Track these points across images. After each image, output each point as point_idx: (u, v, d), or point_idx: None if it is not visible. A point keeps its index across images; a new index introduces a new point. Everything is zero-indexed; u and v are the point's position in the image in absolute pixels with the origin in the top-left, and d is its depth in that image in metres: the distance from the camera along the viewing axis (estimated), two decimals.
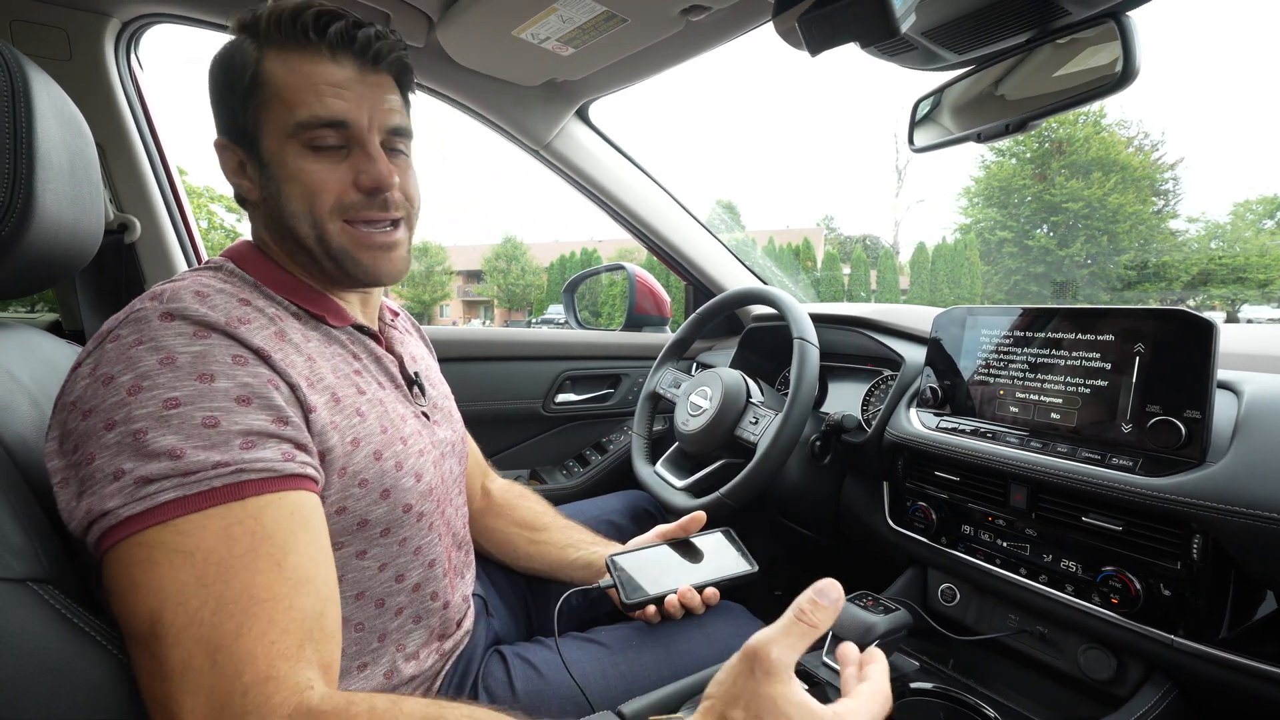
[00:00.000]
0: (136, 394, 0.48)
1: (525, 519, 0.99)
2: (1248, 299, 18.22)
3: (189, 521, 0.46)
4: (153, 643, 0.44)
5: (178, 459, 0.47)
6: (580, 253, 25.28)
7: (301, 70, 0.60)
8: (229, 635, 0.44)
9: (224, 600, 0.45)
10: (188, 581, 0.45)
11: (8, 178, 0.53)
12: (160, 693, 0.44)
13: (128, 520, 0.46)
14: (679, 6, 1.02)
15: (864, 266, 22.91)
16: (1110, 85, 0.77)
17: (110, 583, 0.47)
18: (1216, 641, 0.65)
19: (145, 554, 0.45)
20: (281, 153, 0.61)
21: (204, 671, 0.43)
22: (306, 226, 0.63)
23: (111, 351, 0.51)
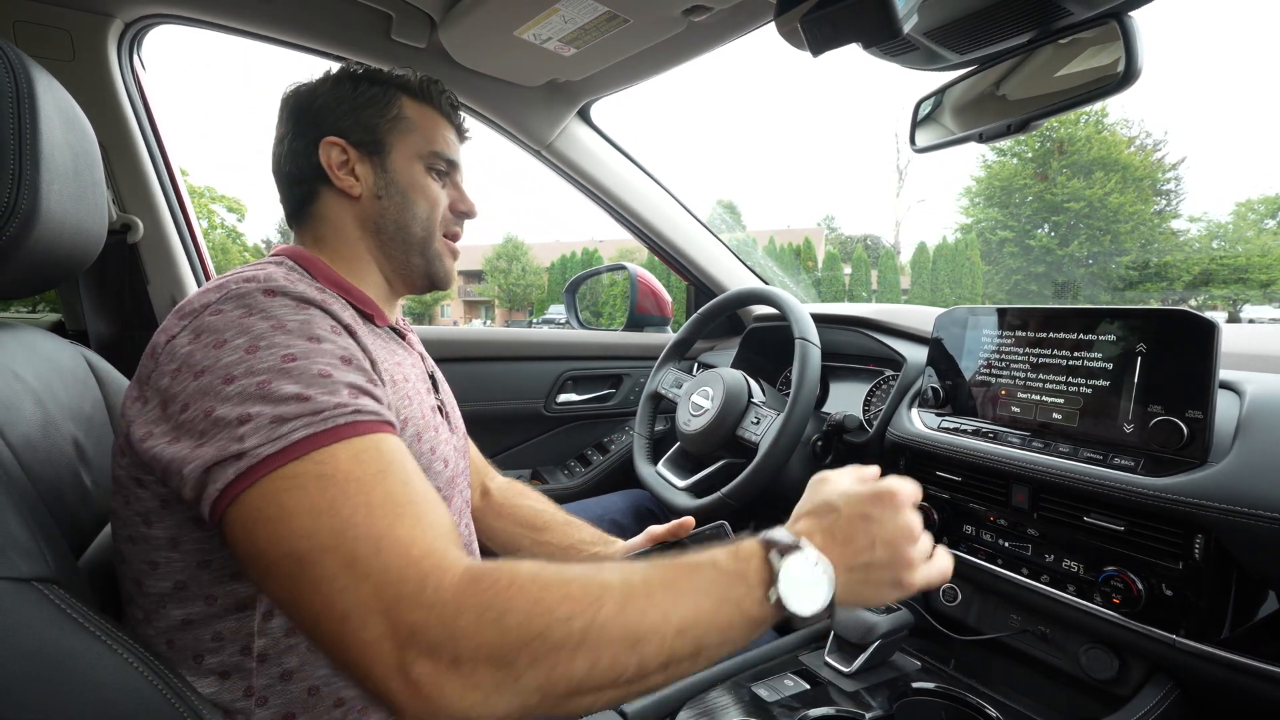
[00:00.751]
0: (255, 352, 0.52)
1: (526, 518, 1.00)
2: (1249, 299, 18.19)
3: (322, 453, 0.49)
4: (313, 557, 0.46)
5: (305, 402, 0.51)
6: (581, 253, 25.27)
7: (435, 121, 0.79)
8: (386, 528, 0.47)
9: (372, 505, 0.48)
10: (336, 496, 0.48)
11: (12, 179, 0.53)
12: (327, 601, 0.45)
13: (267, 459, 0.48)
14: (681, 7, 1.02)
15: (865, 266, 22.89)
16: (1112, 85, 0.77)
17: (251, 523, 0.48)
18: (1218, 641, 0.65)
19: (289, 484, 0.48)
20: (410, 168, 0.76)
21: (371, 558, 0.45)
22: (420, 229, 0.77)
23: (217, 321, 0.54)
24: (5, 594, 0.44)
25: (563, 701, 0.45)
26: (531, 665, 0.43)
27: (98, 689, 0.45)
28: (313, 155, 0.74)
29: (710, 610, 0.49)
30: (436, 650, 0.43)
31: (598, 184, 1.57)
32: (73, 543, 0.60)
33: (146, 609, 0.58)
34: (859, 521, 0.56)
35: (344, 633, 0.44)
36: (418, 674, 0.42)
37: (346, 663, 0.45)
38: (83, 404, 0.70)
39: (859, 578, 0.55)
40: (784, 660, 0.82)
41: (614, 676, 0.45)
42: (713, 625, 0.49)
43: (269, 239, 26.48)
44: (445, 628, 0.43)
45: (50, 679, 0.43)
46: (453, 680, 0.42)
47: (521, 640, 0.43)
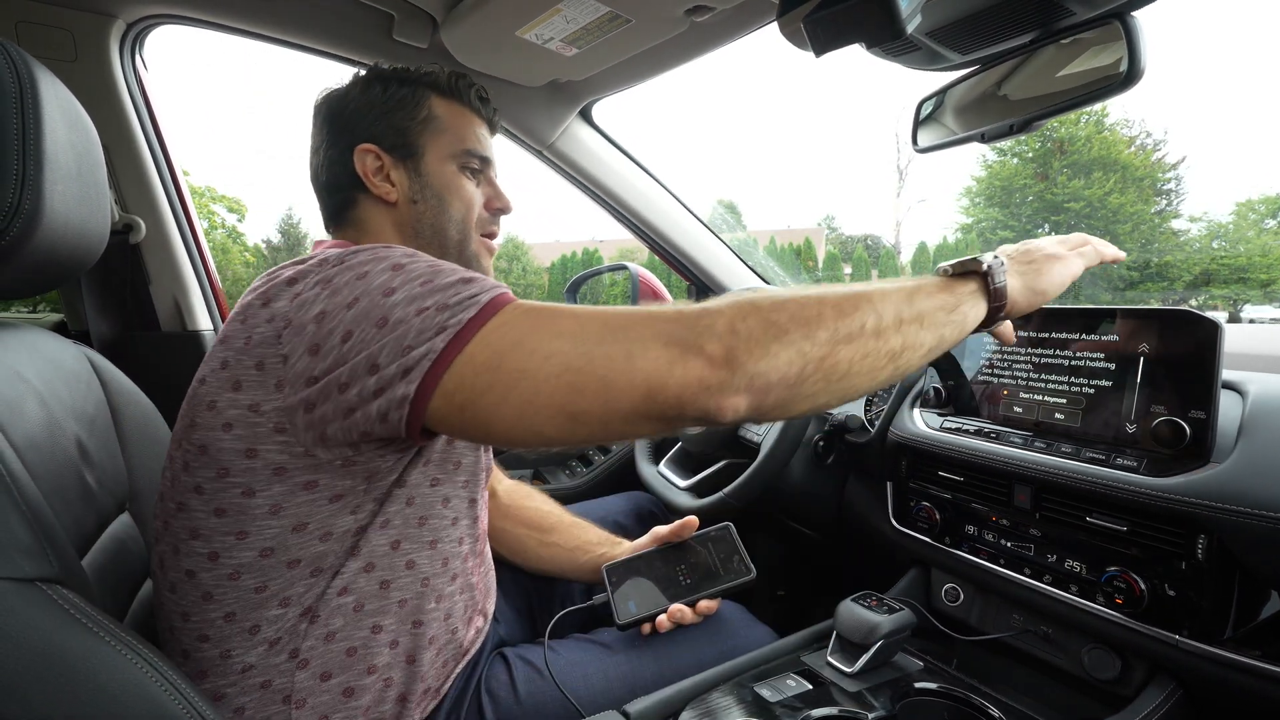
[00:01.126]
0: (401, 270, 0.55)
1: (534, 520, 1.00)
2: (1250, 299, 18.16)
3: (517, 304, 0.54)
4: (580, 362, 0.51)
5: (473, 281, 0.55)
6: (581, 253, 25.26)
7: (465, 118, 0.80)
8: (627, 313, 0.53)
9: (595, 308, 0.54)
10: (555, 308, 0.53)
11: (15, 179, 0.53)
12: (607, 361, 0.51)
13: (477, 315, 0.52)
14: (683, 7, 1.02)
15: (865, 266, 22.88)
16: (1115, 85, 0.77)
17: (487, 366, 0.51)
18: (1221, 642, 0.65)
19: (510, 321, 0.52)
20: (443, 169, 0.77)
21: (627, 329, 0.52)
22: (456, 231, 0.78)
23: (347, 269, 0.56)
24: (9, 594, 0.44)
25: (826, 351, 0.52)
26: (791, 320, 0.51)
27: (102, 689, 0.45)
28: (348, 163, 0.75)
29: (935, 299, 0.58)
30: (710, 339, 0.50)
31: (599, 184, 1.56)
32: (76, 543, 0.60)
33: (211, 586, 0.60)
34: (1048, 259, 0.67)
35: (629, 369, 0.50)
36: (711, 350, 0.50)
37: (643, 393, 0.50)
38: (86, 404, 0.70)
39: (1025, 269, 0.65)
40: (786, 660, 0.82)
41: (858, 325, 0.53)
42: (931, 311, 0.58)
43: (269, 239, 26.49)
44: (713, 327, 0.50)
45: (54, 679, 0.43)
46: (734, 351, 0.50)
47: (774, 307, 0.52)
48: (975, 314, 0.61)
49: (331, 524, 0.61)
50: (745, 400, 0.50)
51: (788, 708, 0.72)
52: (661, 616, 0.83)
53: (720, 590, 0.85)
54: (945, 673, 0.83)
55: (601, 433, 0.53)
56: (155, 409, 0.84)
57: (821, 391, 0.53)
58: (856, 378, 0.54)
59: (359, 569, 0.64)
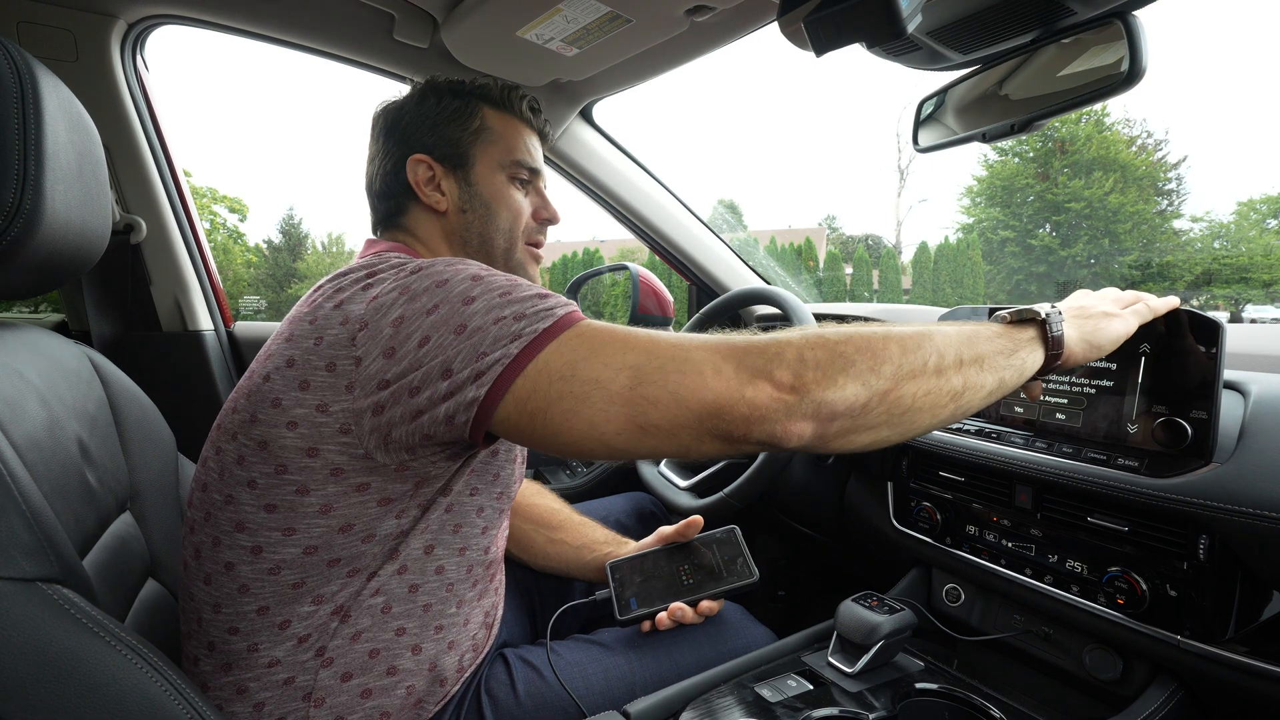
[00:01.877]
0: (480, 281, 0.57)
1: (543, 516, 1.00)
2: (1252, 299, 18.15)
3: (585, 325, 0.56)
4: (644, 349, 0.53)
5: (548, 297, 0.57)
6: (582, 253, 25.27)
7: (516, 128, 0.82)
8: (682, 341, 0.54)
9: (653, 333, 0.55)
10: (619, 328, 0.55)
11: (16, 179, 0.53)
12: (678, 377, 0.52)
13: (551, 328, 0.54)
14: (683, 7, 1.02)
15: (866, 266, 22.84)
16: (1116, 85, 0.77)
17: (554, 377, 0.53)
18: (1223, 642, 0.65)
19: (581, 336, 0.54)
20: (493, 179, 0.79)
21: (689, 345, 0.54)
22: (503, 240, 0.80)
23: (423, 276, 0.58)
24: (10, 594, 0.44)
25: (891, 385, 0.53)
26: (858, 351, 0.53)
27: (103, 689, 0.45)
28: (401, 173, 0.78)
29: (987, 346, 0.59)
30: (778, 367, 0.52)
31: (600, 184, 1.57)
32: (77, 542, 0.60)
33: (249, 579, 0.61)
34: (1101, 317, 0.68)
35: (700, 386, 0.51)
36: (780, 376, 0.51)
37: (712, 410, 0.51)
38: (87, 404, 0.70)
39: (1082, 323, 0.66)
40: (787, 661, 0.82)
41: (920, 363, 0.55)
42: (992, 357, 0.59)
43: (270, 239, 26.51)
44: (781, 356, 0.52)
45: (55, 679, 0.43)
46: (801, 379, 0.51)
47: (840, 340, 0.53)
48: (1034, 360, 0.62)
49: (376, 526, 0.62)
50: (810, 427, 0.52)
51: (788, 708, 0.72)
52: (662, 614, 0.83)
53: (722, 591, 0.85)
54: (946, 673, 0.82)
55: (667, 446, 0.54)
56: (156, 409, 0.85)
57: (884, 424, 0.54)
58: (919, 414, 0.55)
59: (394, 571, 0.65)
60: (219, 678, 0.62)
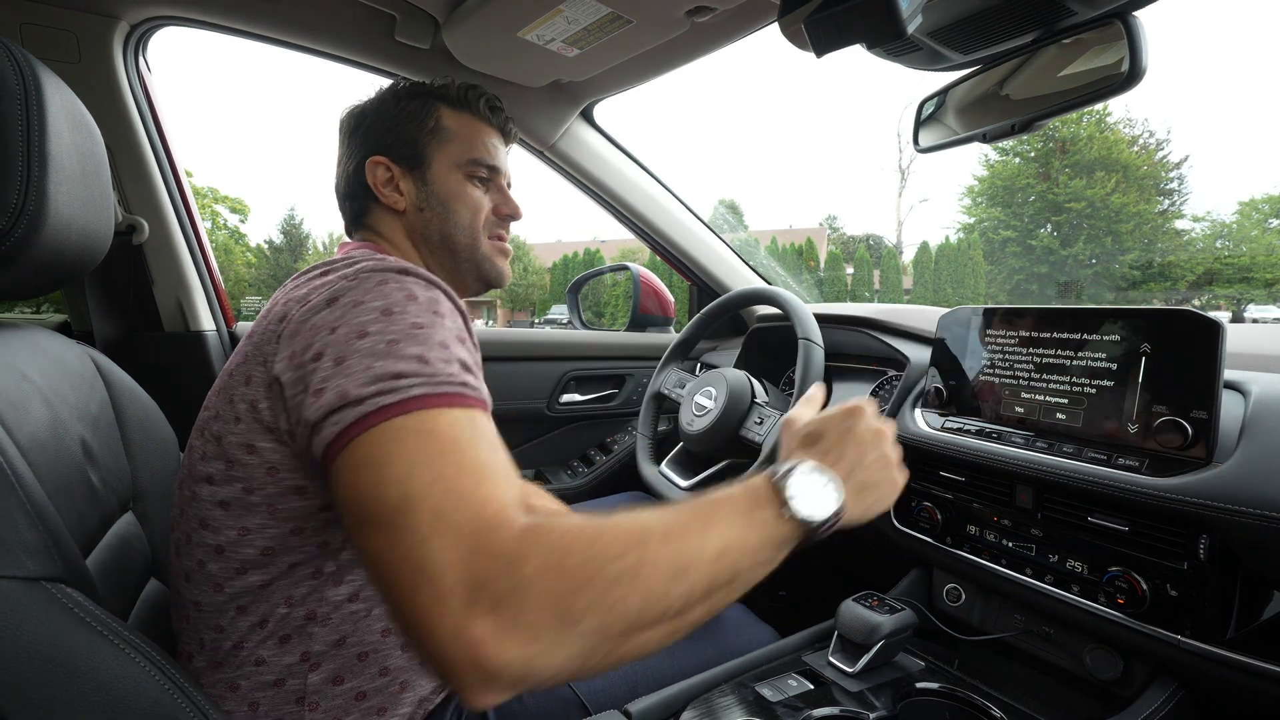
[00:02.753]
0: (389, 316, 0.56)
1: None
2: (1253, 298, 18.13)
3: (428, 414, 0.52)
4: (402, 505, 0.48)
5: (425, 364, 0.54)
6: (583, 253, 25.28)
7: (474, 128, 0.82)
8: (471, 486, 0.49)
9: (462, 465, 0.50)
10: (432, 452, 0.50)
11: (20, 180, 0.53)
12: (405, 551, 0.47)
13: (383, 409, 0.51)
14: (684, 8, 1.02)
15: (867, 266, 22.85)
16: (1117, 85, 0.77)
17: (355, 469, 0.50)
18: (1223, 642, 0.65)
19: (396, 434, 0.50)
20: (449, 178, 0.80)
21: (452, 513, 0.47)
22: (464, 236, 0.81)
23: (355, 287, 0.58)
24: (14, 594, 0.44)
25: (618, 643, 0.47)
26: (590, 607, 0.45)
27: (106, 688, 0.45)
28: (361, 174, 0.79)
29: (740, 534, 0.54)
30: (501, 603, 0.43)
31: (601, 184, 1.57)
32: (80, 542, 0.60)
33: (221, 578, 0.61)
34: (844, 435, 0.64)
35: (417, 585, 0.45)
36: (480, 633, 0.42)
37: (412, 622, 0.45)
38: (90, 404, 0.70)
39: (858, 482, 0.62)
40: (788, 660, 0.82)
41: (664, 609, 0.48)
42: (744, 548, 0.54)
43: (271, 239, 26.54)
44: (510, 577, 0.44)
45: (59, 678, 0.44)
46: (513, 636, 0.43)
47: (581, 580, 0.45)
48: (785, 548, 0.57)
49: (328, 534, 0.61)
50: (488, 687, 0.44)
51: (789, 707, 0.72)
52: None
53: None
54: (947, 673, 0.83)
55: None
56: (158, 409, 0.85)
57: (587, 672, 0.47)
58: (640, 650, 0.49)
59: (365, 577, 0.64)
60: (212, 674, 0.62)
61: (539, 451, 1.64)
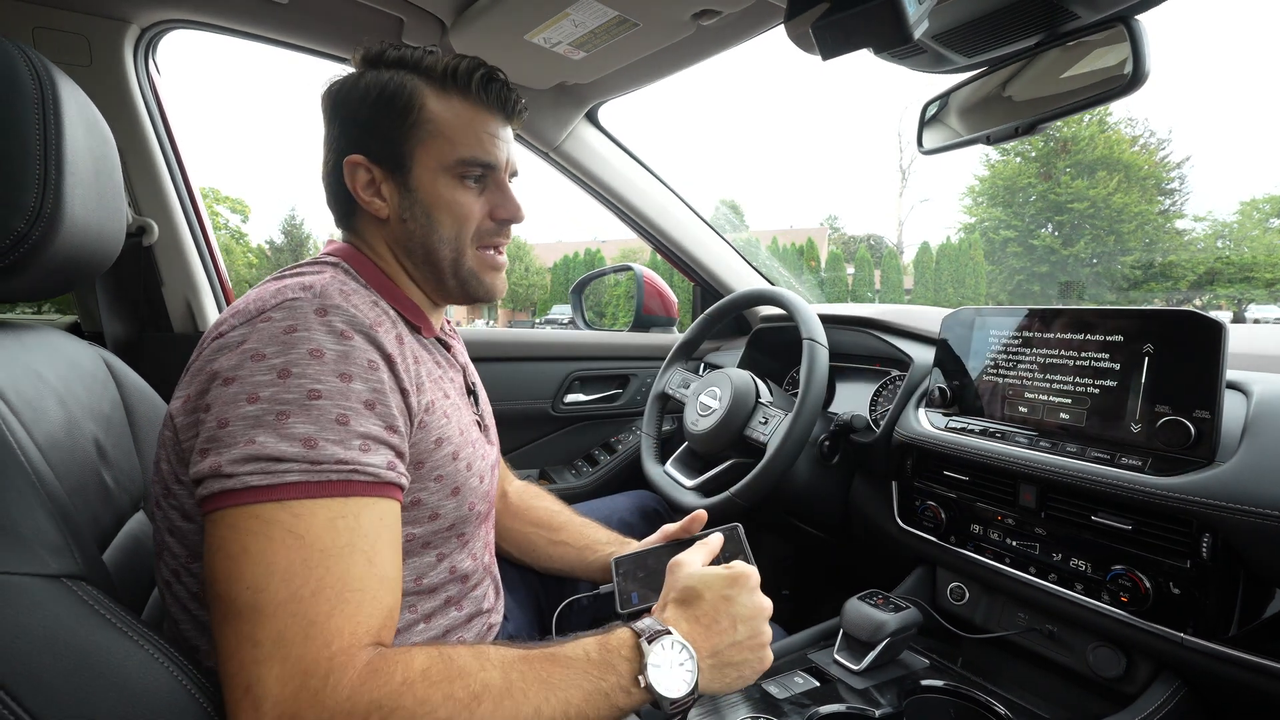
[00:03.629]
0: (286, 378, 0.52)
1: (542, 519, 1.00)
2: (1255, 298, 18.09)
3: (303, 506, 0.50)
4: (249, 614, 0.47)
5: (310, 447, 0.51)
6: (584, 253, 25.27)
7: (463, 115, 0.69)
8: (323, 614, 0.48)
9: (323, 584, 0.49)
10: (294, 562, 0.48)
11: (37, 182, 0.54)
12: (242, 659, 0.47)
13: (253, 489, 0.49)
14: (690, 11, 1.02)
15: (868, 266, 22.83)
16: (1120, 88, 0.77)
17: (218, 542, 0.49)
18: (1226, 639, 0.66)
19: (261, 527, 0.49)
20: (434, 182, 0.68)
21: (295, 643, 0.47)
22: (448, 249, 0.70)
23: (263, 331, 0.54)
24: (35, 591, 0.45)
25: None
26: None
27: (124, 683, 0.46)
28: (341, 174, 0.70)
29: (580, 703, 0.52)
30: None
31: (605, 185, 1.57)
32: (95, 540, 0.61)
33: (186, 600, 0.60)
34: (721, 604, 0.62)
35: (241, 703, 0.46)
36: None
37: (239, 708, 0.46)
38: (102, 404, 0.71)
39: (724, 659, 0.60)
40: (794, 658, 0.83)
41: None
42: (581, 716, 0.52)
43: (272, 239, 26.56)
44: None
45: (79, 674, 0.44)
46: None
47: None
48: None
49: None
50: None
51: (795, 704, 0.72)
52: None
53: None
54: (951, 670, 0.83)
55: None
56: (168, 409, 0.85)
57: None
58: None
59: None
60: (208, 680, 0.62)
61: (543, 451, 1.64)
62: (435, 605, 0.71)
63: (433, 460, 0.65)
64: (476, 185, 0.71)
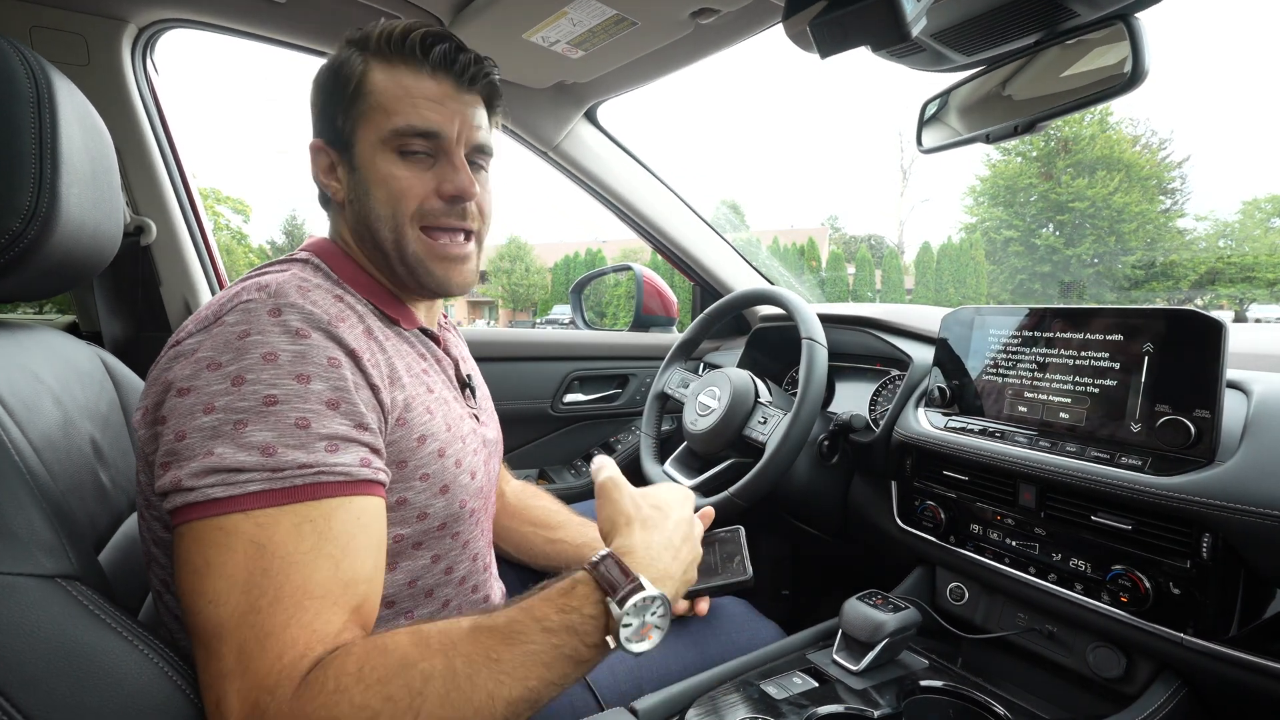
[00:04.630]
0: (240, 385, 0.51)
1: (540, 518, 1.00)
2: (1256, 298, 18.07)
3: (267, 514, 0.49)
4: (213, 628, 0.47)
5: (269, 455, 0.50)
6: (585, 253, 25.28)
7: (403, 83, 0.64)
8: (279, 625, 0.47)
9: (282, 593, 0.48)
10: (254, 571, 0.48)
11: (33, 182, 0.54)
12: (210, 675, 0.47)
13: (215, 501, 0.49)
14: (688, 10, 1.02)
15: (869, 266, 22.83)
16: (1119, 86, 0.77)
17: (184, 555, 0.49)
18: (1226, 640, 0.65)
19: (224, 539, 0.48)
20: (373, 158, 0.65)
21: (254, 656, 0.47)
22: (388, 230, 0.66)
23: (217, 337, 0.53)
24: (30, 591, 0.45)
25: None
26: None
27: (120, 684, 0.46)
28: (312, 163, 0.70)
29: (540, 678, 0.50)
30: None
31: (604, 185, 1.57)
32: (91, 541, 0.61)
33: (177, 610, 0.60)
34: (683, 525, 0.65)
35: (213, 715, 0.47)
36: None
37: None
38: (99, 404, 0.71)
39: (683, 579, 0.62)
40: (792, 658, 0.83)
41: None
42: (546, 684, 0.50)
43: (273, 240, 26.61)
44: None
45: (74, 674, 0.44)
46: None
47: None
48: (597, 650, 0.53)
49: None
50: None
51: (793, 705, 0.72)
52: None
53: (713, 588, 0.85)
54: (950, 671, 0.83)
55: None
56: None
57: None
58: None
59: None
60: None
61: (542, 451, 1.64)
62: (433, 609, 0.70)
63: (416, 459, 0.63)
64: (424, 160, 0.66)
